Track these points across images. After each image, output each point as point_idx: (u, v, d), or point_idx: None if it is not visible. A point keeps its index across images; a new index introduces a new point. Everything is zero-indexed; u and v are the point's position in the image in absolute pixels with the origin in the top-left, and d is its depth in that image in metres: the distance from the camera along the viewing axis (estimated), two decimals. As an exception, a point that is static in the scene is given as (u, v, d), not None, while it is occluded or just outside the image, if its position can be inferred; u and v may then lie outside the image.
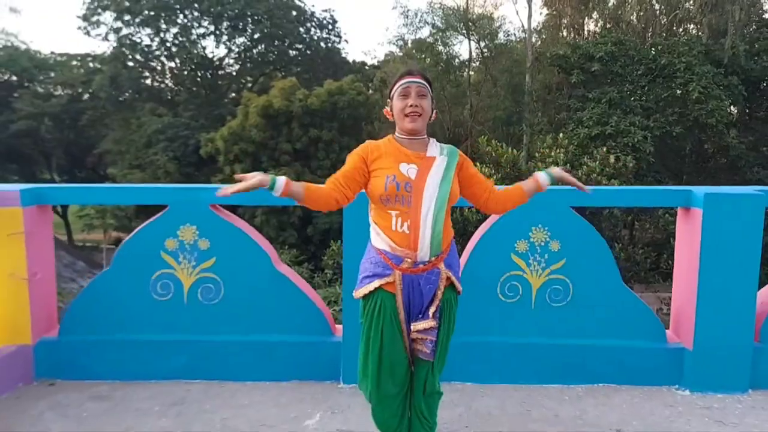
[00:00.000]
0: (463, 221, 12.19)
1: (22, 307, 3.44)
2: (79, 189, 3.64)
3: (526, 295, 3.48)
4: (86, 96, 36.82)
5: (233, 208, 3.64)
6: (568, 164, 14.46)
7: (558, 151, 15.18)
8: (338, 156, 23.51)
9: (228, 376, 3.50)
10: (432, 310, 2.30)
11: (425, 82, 2.35)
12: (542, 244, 3.43)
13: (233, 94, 34.73)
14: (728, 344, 3.37)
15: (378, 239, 2.32)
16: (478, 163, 15.70)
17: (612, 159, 14.84)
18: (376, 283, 2.31)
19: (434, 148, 2.37)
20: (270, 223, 23.44)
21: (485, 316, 3.47)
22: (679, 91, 23.85)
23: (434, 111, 2.41)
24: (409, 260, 2.27)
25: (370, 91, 28.76)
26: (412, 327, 2.32)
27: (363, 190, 2.39)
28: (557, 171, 2.49)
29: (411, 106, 2.30)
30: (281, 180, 2.21)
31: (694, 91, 22.75)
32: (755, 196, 3.31)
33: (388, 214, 2.28)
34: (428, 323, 2.30)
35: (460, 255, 3.56)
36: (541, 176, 2.49)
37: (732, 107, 27.04)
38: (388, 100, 2.42)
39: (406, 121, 2.31)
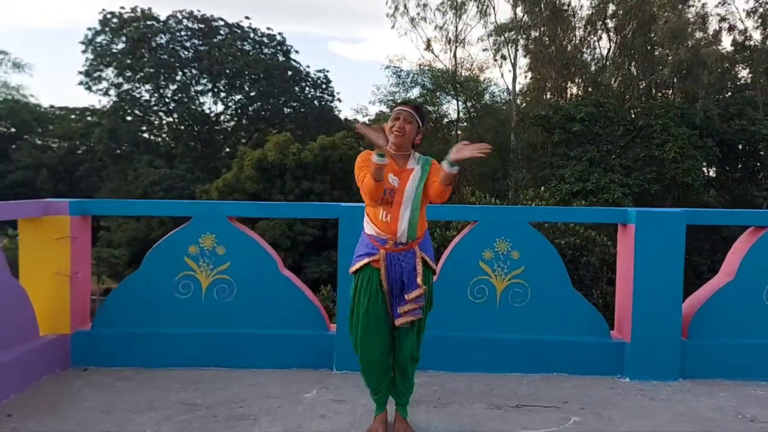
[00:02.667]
0: (443, 241, 12.80)
1: (64, 301, 4.04)
2: (118, 202, 4.30)
3: (492, 297, 4.13)
4: (84, 148, 37.81)
5: (246, 221, 4.31)
6: (549, 215, 15.24)
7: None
8: (330, 208, 24.19)
9: (237, 364, 4.08)
10: (419, 279, 2.95)
11: (413, 111, 3.05)
12: (505, 253, 4.11)
13: (228, 149, 35.82)
14: (660, 339, 4.01)
15: (368, 227, 3.01)
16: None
17: (590, 211, 15.63)
18: (365, 260, 2.98)
19: (413, 161, 3.08)
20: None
21: (457, 313, 4.10)
22: (656, 152, 25.02)
23: (419, 135, 3.10)
24: (391, 242, 2.94)
25: (361, 148, 29.84)
26: (406, 297, 2.94)
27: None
28: (453, 154, 2.88)
29: (395, 127, 3.00)
30: (385, 159, 2.80)
31: (670, 151, 23.89)
32: (678, 214, 4.03)
33: (377, 208, 2.97)
34: (419, 291, 2.95)
35: (437, 264, 4.25)
36: (443, 165, 2.91)
37: (709, 168, 28.28)
38: (386, 124, 3.15)
39: (392, 136, 3.01)
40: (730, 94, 29.89)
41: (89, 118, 37.63)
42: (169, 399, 3.59)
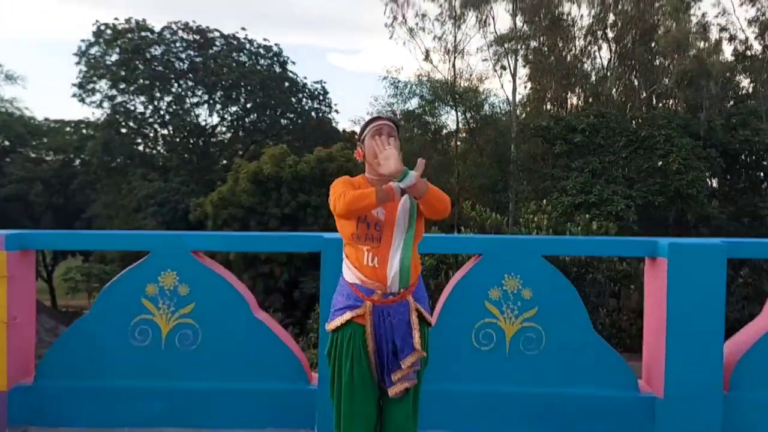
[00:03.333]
0: (446, 269, 12.24)
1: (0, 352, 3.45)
2: (63, 234, 3.73)
3: (500, 343, 3.54)
4: (78, 161, 37.25)
5: (225, 254, 3.73)
6: (551, 230, 14.71)
7: (542, 216, 15.47)
8: (326, 221, 23.71)
9: (204, 424, 3.49)
10: (416, 339, 2.37)
11: (393, 124, 2.53)
12: (515, 291, 3.53)
13: (224, 161, 35.27)
14: (698, 393, 3.43)
15: (349, 273, 2.43)
16: (462, 227, 15.96)
17: (594, 226, 15.13)
18: (347, 316, 2.40)
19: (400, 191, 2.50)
20: (256, 287, 23.33)
21: (460, 363, 3.52)
22: (659, 162, 24.54)
23: (400, 152, 2.54)
24: (379, 292, 2.36)
25: (355, 155, 29.34)
26: (401, 363, 2.38)
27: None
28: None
29: (382, 143, 2.38)
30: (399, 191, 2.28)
31: (674, 162, 23.40)
32: (718, 246, 3.46)
33: (360, 249, 2.39)
34: (416, 356, 2.37)
35: (436, 302, 3.67)
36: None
37: (712, 179, 27.80)
38: (359, 143, 2.56)
39: (376, 163, 2.42)
40: (732, 103, 29.50)
41: (84, 131, 37.11)
42: (117, 473, 3.00)
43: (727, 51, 29.65)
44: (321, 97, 36.55)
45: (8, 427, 3.49)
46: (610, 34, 30.41)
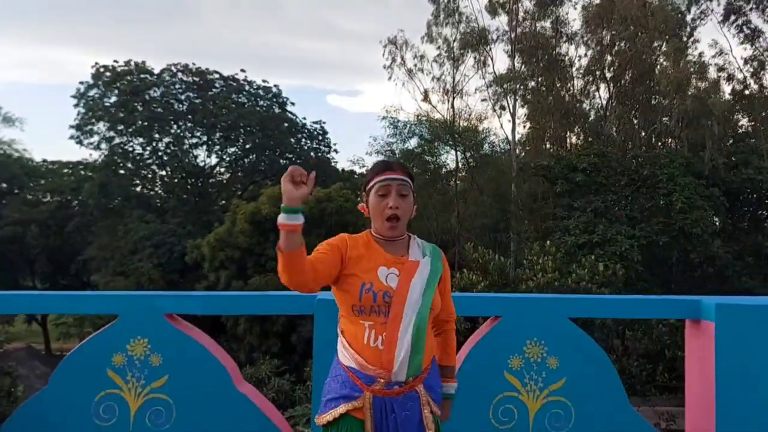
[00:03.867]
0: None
1: (-61, 435, 2.96)
2: (20, 296, 3.27)
3: (523, 420, 3.06)
4: (75, 203, 36.93)
5: (194, 318, 3.26)
6: (557, 272, 14.23)
7: (546, 258, 14.99)
8: (326, 264, 23.19)
9: None
10: None
11: (407, 179, 2.08)
12: (539, 360, 3.06)
13: (223, 201, 34.97)
14: (756, 479, 2.93)
15: (345, 354, 1.97)
16: (465, 270, 15.46)
17: (601, 267, 14.65)
18: (342, 408, 1.94)
19: (416, 249, 2.07)
20: (253, 330, 22.72)
21: (476, 444, 3.03)
22: (662, 202, 24.24)
23: (415, 206, 2.14)
24: (382, 380, 1.90)
25: (358, 199, 29.04)
26: None
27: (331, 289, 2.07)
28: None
29: (391, 208, 2.01)
30: (300, 217, 1.95)
31: (677, 201, 23.10)
32: (771, 307, 3.00)
33: (360, 324, 1.95)
34: None
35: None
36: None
37: (715, 218, 27.48)
38: (363, 194, 2.14)
39: (386, 226, 2.01)
40: (731, 142, 29.41)
41: (81, 172, 36.92)
42: None
43: (726, 90, 29.74)
44: (320, 137, 36.52)
45: None
46: (608, 74, 30.48)
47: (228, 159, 35.35)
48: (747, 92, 29.91)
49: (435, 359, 2.07)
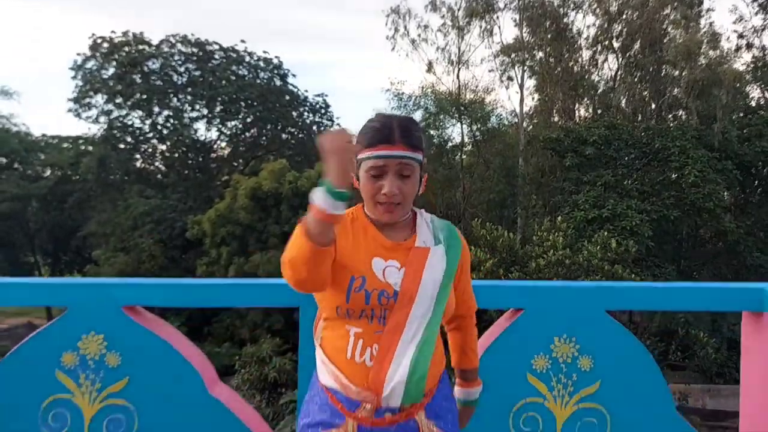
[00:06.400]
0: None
1: None
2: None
3: (549, 430, 2.57)
4: (74, 178, 36.47)
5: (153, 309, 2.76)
6: (568, 249, 13.72)
7: (557, 234, 14.46)
8: (328, 239, 22.82)
9: None
10: None
11: (411, 153, 1.53)
12: (568, 360, 2.56)
13: (224, 177, 34.45)
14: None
15: (324, 372, 1.49)
16: (472, 247, 14.98)
17: (614, 243, 14.13)
18: None
19: (426, 230, 1.55)
20: (255, 307, 22.39)
21: (494, 459, 2.55)
22: (674, 175, 23.67)
23: (424, 180, 1.59)
24: (368, 406, 1.41)
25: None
26: None
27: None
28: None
29: (385, 194, 1.51)
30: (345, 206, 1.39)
31: (689, 175, 22.52)
32: None
33: (343, 331, 1.44)
34: None
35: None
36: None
37: (727, 191, 26.89)
38: (355, 165, 1.58)
39: (379, 209, 1.53)
40: (744, 114, 28.66)
41: (81, 147, 36.39)
42: None
43: (745, 58, 28.97)
44: (322, 111, 35.82)
45: None
46: (616, 44, 29.65)
47: (228, 133, 34.73)
48: (761, 63, 29.09)
49: (446, 377, 1.58)
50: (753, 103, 30.07)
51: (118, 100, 31.28)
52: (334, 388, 1.48)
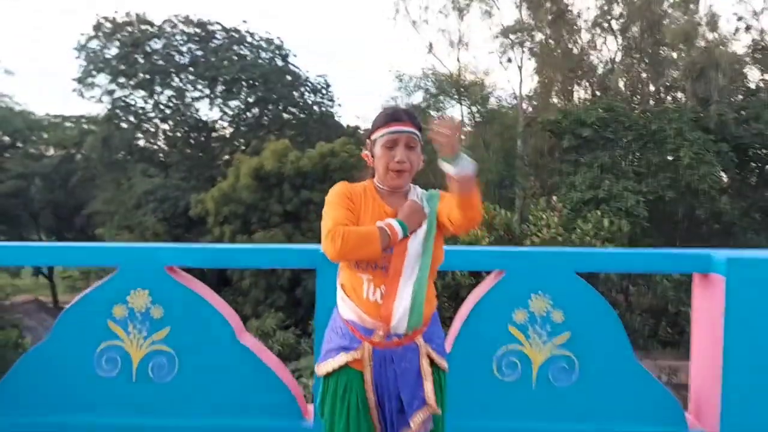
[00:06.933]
0: (455, 285, 11.74)
1: (-58, 385, 2.96)
2: (14, 248, 3.23)
3: (526, 373, 3.04)
4: (78, 157, 36.79)
5: (191, 271, 3.21)
6: (561, 227, 14.16)
7: (552, 214, 14.87)
8: (329, 218, 23.23)
9: (180, 468, 3.00)
10: (427, 393, 1.87)
11: (416, 130, 1.99)
12: (543, 314, 3.02)
13: (226, 156, 34.78)
14: (759, 431, 2.92)
15: (344, 307, 1.94)
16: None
17: (606, 222, 14.56)
18: (342, 359, 1.91)
19: (417, 199, 2.00)
20: (258, 284, 22.90)
21: (479, 396, 3.02)
22: (670, 157, 23.99)
23: (423, 158, 2.05)
24: (380, 332, 1.86)
25: (363, 148, 28.86)
26: (411, 423, 1.90)
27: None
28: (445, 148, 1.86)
29: (398, 162, 1.94)
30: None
31: (685, 156, 22.84)
32: (784, 261, 2.94)
33: (358, 277, 1.90)
34: (426, 412, 1.88)
35: (449, 324, 3.16)
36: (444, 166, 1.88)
37: (723, 173, 27.24)
38: (368, 142, 2.05)
39: (390, 176, 1.95)
40: (742, 97, 28.88)
41: (84, 126, 36.66)
42: None
43: (744, 40, 29.10)
44: (323, 91, 36.02)
45: (-46, 471, 3.01)
46: (616, 26, 29.81)
47: (230, 113, 34.99)
48: (760, 46, 29.19)
49: (436, 312, 2.03)
50: (753, 86, 30.25)
51: (121, 80, 31.52)
52: (352, 319, 1.92)
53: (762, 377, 2.90)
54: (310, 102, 35.86)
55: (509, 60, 29.87)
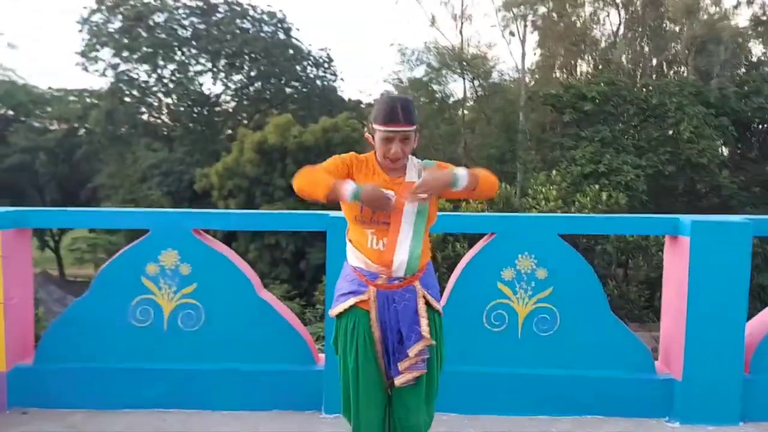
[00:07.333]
0: (455, 256, 12.14)
1: (-3, 333, 3.35)
2: (60, 212, 3.60)
3: (513, 324, 3.42)
4: (82, 131, 36.99)
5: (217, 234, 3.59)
6: (560, 200, 14.51)
7: (550, 188, 15.22)
8: (332, 192, 23.53)
9: (206, 406, 3.41)
10: (422, 326, 2.24)
11: (411, 128, 2.27)
12: (529, 271, 3.40)
13: (229, 131, 34.99)
14: (718, 375, 3.31)
15: (353, 257, 2.30)
16: (469, 200, 15.79)
17: (604, 196, 14.90)
18: (351, 301, 2.27)
19: (412, 170, 2.34)
20: (263, 258, 23.33)
21: (471, 345, 3.41)
22: (670, 131, 24.16)
23: (417, 137, 2.35)
24: (383, 276, 2.23)
25: (365, 129, 29.03)
26: (408, 351, 2.25)
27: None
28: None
29: (393, 154, 2.26)
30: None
31: (685, 131, 23.03)
32: (743, 225, 3.30)
33: (363, 232, 2.25)
34: (423, 343, 2.25)
35: (446, 283, 3.53)
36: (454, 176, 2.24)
37: (724, 148, 27.41)
38: (369, 125, 2.36)
39: (386, 162, 2.29)
40: (744, 71, 28.90)
41: (87, 100, 36.81)
42: (119, 458, 2.92)
43: (746, 14, 29.01)
44: (326, 65, 36.04)
45: (8, 408, 3.41)
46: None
47: (233, 87, 35.10)
48: (764, 18, 29.09)
49: (430, 263, 2.39)
50: (756, 60, 30.20)
51: (125, 54, 31.60)
52: (360, 267, 2.27)
53: (719, 327, 3.28)
54: (312, 76, 35.91)
55: (512, 33, 29.88)
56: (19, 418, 3.34)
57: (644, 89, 26.38)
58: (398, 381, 2.26)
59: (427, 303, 2.31)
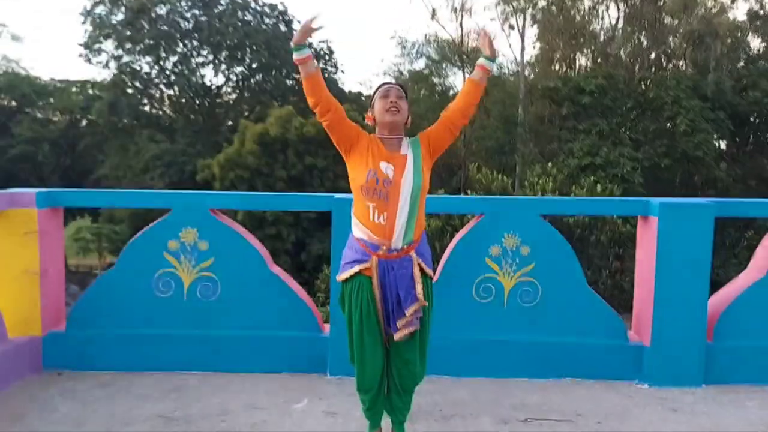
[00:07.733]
0: (452, 230, 12.42)
1: (34, 301, 3.72)
2: (90, 193, 3.96)
3: (499, 296, 3.79)
4: (84, 122, 37.30)
5: (233, 215, 3.97)
6: (557, 192, 14.86)
7: (547, 179, 15.57)
8: (333, 183, 23.89)
9: (222, 368, 3.78)
10: (417, 290, 2.60)
11: (402, 88, 2.75)
12: (514, 249, 3.76)
13: (230, 122, 35.28)
14: (683, 342, 3.68)
15: (357, 229, 2.65)
16: (468, 191, 16.15)
17: (599, 188, 15.25)
18: (356, 268, 2.63)
19: (406, 146, 2.71)
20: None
21: (461, 314, 3.77)
22: (667, 124, 24.45)
23: (409, 116, 2.75)
24: (384, 247, 2.59)
25: (366, 113, 29.31)
26: (405, 311, 2.61)
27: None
28: (487, 49, 2.86)
29: (391, 102, 2.65)
30: (308, 52, 2.70)
31: (681, 124, 23.32)
32: (706, 206, 3.66)
33: (365, 206, 2.60)
34: (417, 305, 2.61)
35: (439, 259, 3.90)
36: (483, 62, 2.87)
37: (720, 141, 27.69)
38: (370, 108, 2.77)
39: (387, 115, 2.64)
40: (742, 65, 29.12)
41: (90, 91, 37.09)
42: (147, 411, 3.29)
43: (743, 9, 29.17)
44: (327, 57, 36.30)
45: (44, 370, 3.79)
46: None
47: (235, 79, 35.38)
48: (762, 12, 29.26)
49: (425, 233, 2.76)
50: (753, 53, 30.38)
51: (128, 46, 31.85)
52: (363, 238, 2.62)
53: (684, 299, 3.65)
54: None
55: (511, 27, 30.13)
56: (54, 378, 3.71)
57: (641, 83, 26.68)
58: (397, 336, 2.63)
59: (421, 269, 2.67)
